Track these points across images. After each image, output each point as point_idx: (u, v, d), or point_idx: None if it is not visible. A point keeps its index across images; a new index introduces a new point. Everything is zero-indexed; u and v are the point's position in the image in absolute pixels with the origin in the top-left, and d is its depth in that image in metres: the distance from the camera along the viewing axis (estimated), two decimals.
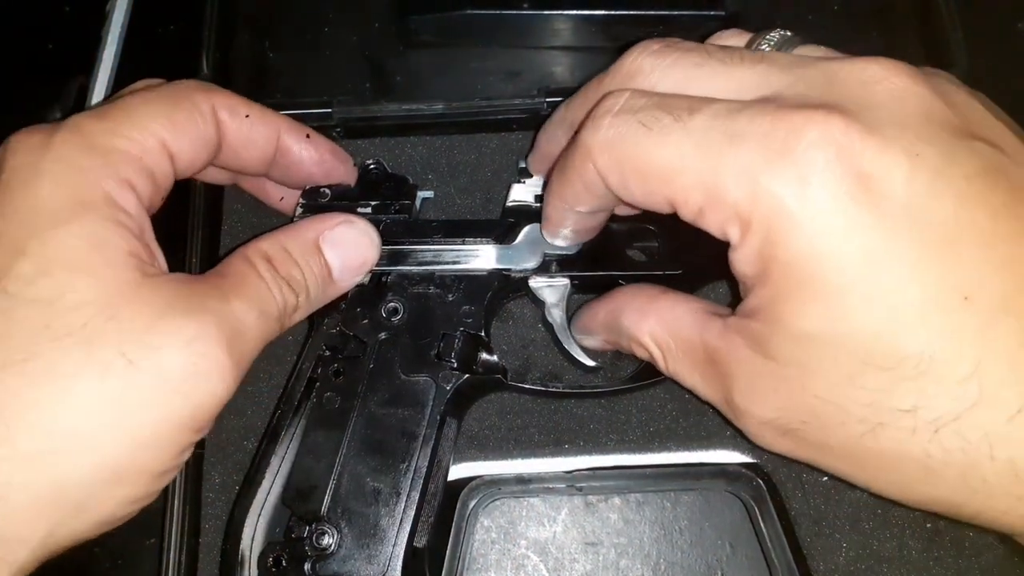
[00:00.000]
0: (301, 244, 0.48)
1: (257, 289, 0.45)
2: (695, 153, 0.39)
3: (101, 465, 0.39)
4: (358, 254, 0.51)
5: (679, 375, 0.47)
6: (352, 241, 0.50)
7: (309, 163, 0.54)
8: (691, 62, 0.43)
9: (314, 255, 0.49)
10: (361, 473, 0.50)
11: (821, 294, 0.37)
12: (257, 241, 0.48)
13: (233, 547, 0.49)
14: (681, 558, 0.57)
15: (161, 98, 0.47)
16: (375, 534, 0.49)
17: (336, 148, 0.56)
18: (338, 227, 0.50)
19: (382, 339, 0.53)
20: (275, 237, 0.48)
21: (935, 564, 0.54)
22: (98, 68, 0.66)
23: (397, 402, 0.51)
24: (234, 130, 0.50)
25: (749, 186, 0.37)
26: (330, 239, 0.49)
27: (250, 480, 0.50)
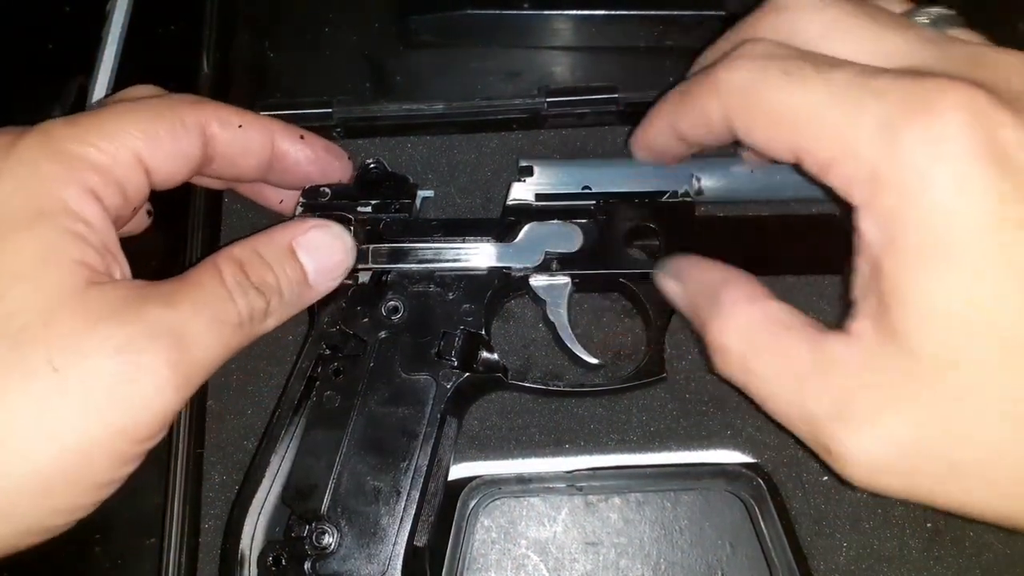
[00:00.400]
0: (274, 248, 0.48)
1: (213, 294, 0.44)
2: (833, 104, 0.38)
3: (26, 472, 0.38)
4: (333, 258, 0.50)
5: (755, 379, 0.42)
6: (327, 245, 0.50)
7: (305, 163, 0.54)
8: (844, 10, 0.43)
9: (288, 259, 0.48)
10: (361, 472, 0.50)
11: (960, 261, 0.35)
12: (230, 247, 0.47)
13: (233, 546, 0.49)
14: (681, 558, 0.57)
15: (142, 110, 0.46)
16: (375, 533, 0.49)
17: (331, 145, 0.56)
18: (311, 231, 0.49)
19: (382, 338, 0.53)
20: (248, 242, 0.47)
21: (936, 563, 0.54)
22: (98, 68, 0.66)
23: (397, 401, 0.51)
24: (227, 141, 0.50)
25: (886, 141, 0.36)
26: (304, 243, 0.49)
27: (250, 479, 0.50)
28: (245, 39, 0.69)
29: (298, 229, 0.49)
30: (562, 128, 0.64)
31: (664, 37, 0.67)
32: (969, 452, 0.36)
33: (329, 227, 0.51)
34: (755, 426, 0.57)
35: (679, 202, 0.56)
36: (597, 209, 0.56)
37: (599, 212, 0.55)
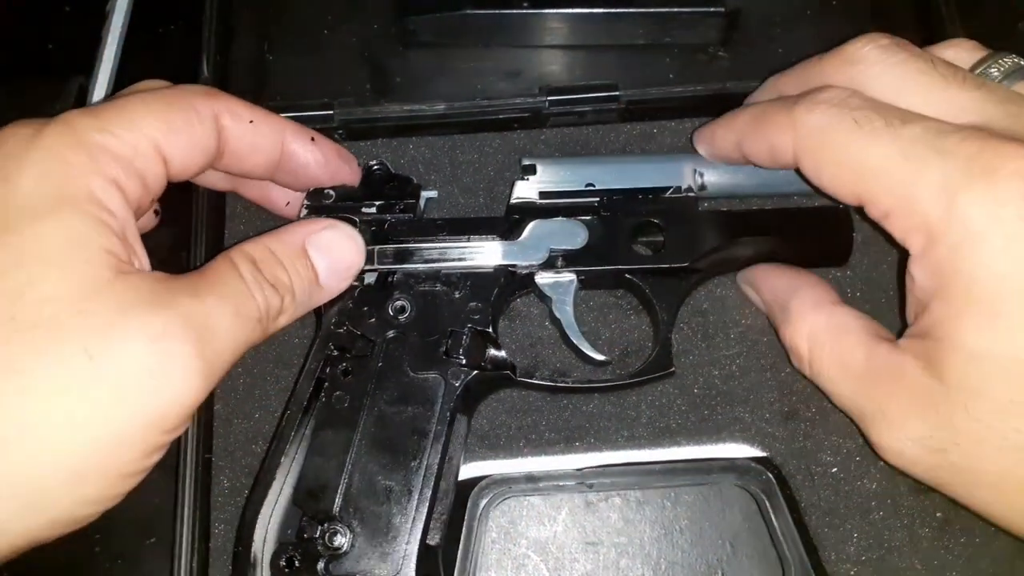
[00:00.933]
0: (287, 247, 0.48)
1: (235, 289, 0.44)
2: (899, 159, 0.42)
3: (58, 461, 0.37)
4: (344, 258, 0.51)
5: (820, 377, 0.50)
6: (338, 245, 0.50)
7: (315, 166, 0.54)
8: (915, 67, 0.46)
9: (300, 258, 0.48)
10: (372, 472, 0.49)
11: (1000, 314, 0.39)
12: (243, 244, 0.47)
13: (245, 549, 0.48)
14: (681, 557, 0.57)
15: (159, 101, 0.46)
16: (388, 532, 0.48)
17: (341, 150, 0.56)
18: (324, 231, 0.50)
19: (390, 337, 0.52)
20: (261, 240, 0.48)
21: (946, 553, 0.54)
22: (98, 68, 0.66)
23: (406, 400, 0.51)
24: (238, 136, 0.49)
25: (946, 200, 0.40)
26: (316, 242, 0.49)
27: (261, 481, 0.50)
28: (245, 41, 0.68)
29: (311, 228, 0.50)
30: (564, 127, 0.64)
31: (664, 34, 0.67)
32: (983, 465, 0.42)
33: (341, 227, 0.51)
34: (764, 420, 0.57)
35: (682, 197, 0.56)
36: (601, 206, 0.56)
37: (603, 209, 0.55)
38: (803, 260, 0.57)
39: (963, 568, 0.54)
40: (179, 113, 0.46)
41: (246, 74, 0.68)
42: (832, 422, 0.56)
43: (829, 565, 0.54)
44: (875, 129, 0.43)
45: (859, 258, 0.59)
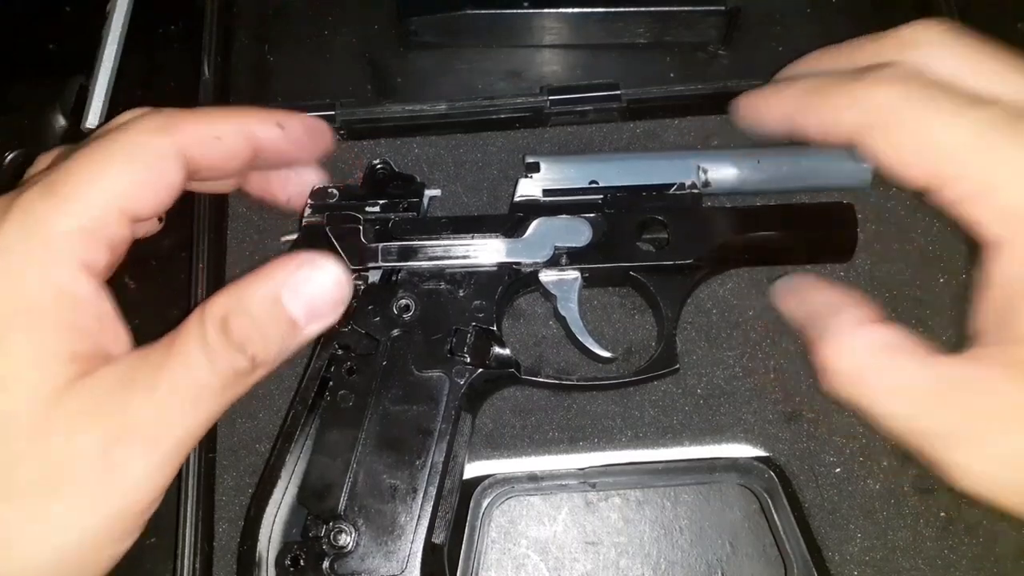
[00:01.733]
0: (260, 300, 0.44)
1: (195, 367, 0.42)
2: (975, 143, 0.40)
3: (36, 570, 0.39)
4: (324, 298, 0.47)
5: (868, 399, 0.44)
6: (316, 285, 0.46)
7: (289, 149, 0.52)
8: (982, 52, 0.44)
9: (275, 309, 0.45)
10: (377, 470, 0.49)
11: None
12: (218, 296, 0.44)
13: (250, 548, 0.48)
14: (681, 557, 0.57)
15: (118, 156, 0.44)
16: (393, 531, 0.48)
17: (310, 123, 0.54)
18: (300, 271, 0.46)
19: (394, 336, 0.52)
20: (235, 291, 0.44)
21: (950, 552, 0.54)
22: (98, 68, 0.66)
23: (411, 398, 0.51)
24: (207, 155, 0.48)
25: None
26: (292, 286, 0.45)
27: (265, 481, 0.50)
28: (245, 41, 0.68)
29: (286, 271, 0.45)
30: (566, 126, 0.64)
31: (664, 33, 0.67)
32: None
33: (320, 265, 0.46)
34: (767, 420, 0.57)
35: (686, 194, 0.56)
36: (605, 203, 0.56)
37: (607, 206, 0.55)
38: (807, 256, 0.57)
39: (967, 568, 0.54)
40: (141, 166, 0.44)
41: (247, 75, 0.68)
42: (835, 422, 0.56)
43: (832, 565, 0.54)
44: (948, 109, 0.41)
45: (863, 256, 0.59)
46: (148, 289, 0.63)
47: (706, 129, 0.63)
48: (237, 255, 0.61)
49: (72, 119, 0.66)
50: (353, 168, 0.63)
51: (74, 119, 0.66)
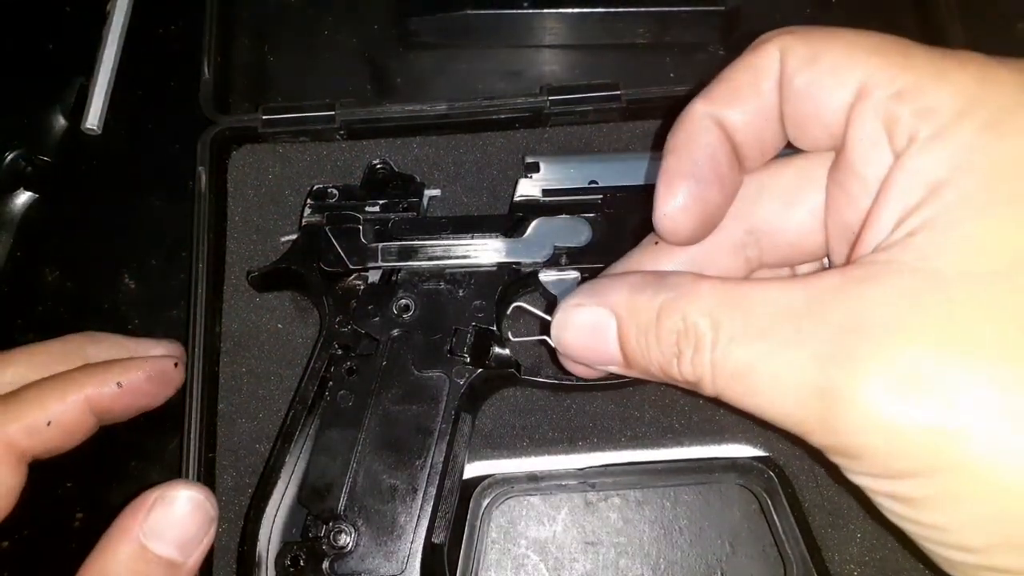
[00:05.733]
0: (123, 561, 0.42)
1: None
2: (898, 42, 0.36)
3: None
4: (192, 526, 0.44)
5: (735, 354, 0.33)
6: (178, 518, 0.43)
7: (138, 401, 0.51)
8: None
9: (143, 561, 0.42)
10: (377, 471, 0.49)
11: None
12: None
13: (250, 548, 0.48)
14: (681, 557, 0.57)
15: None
16: (393, 531, 0.48)
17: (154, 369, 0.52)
18: (153, 513, 0.43)
19: (394, 336, 0.52)
20: (94, 567, 0.42)
21: None
22: (98, 68, 0.66)
23: (411, 398, 0.51)
24: (43, 443, 0.47)
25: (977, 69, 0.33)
26: (151, 531, 0.42)
27: (265, 481, 0.50)
28: (245, 42, 0.68)
29: (138, 520, 0.43)
30: (565, 126, 0.64)
31: (664, 34, 0.67)
32: None
33: (167, 496, 0.43)
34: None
35: None
36: (605, 203, 0.56)
37: (606, 206, 0.55)
38: None
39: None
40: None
41: (246, 75, 0.68)
42: None
43: (832, 565, 0.54)
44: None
45: None
46: (148, 289, 0.63)
47: None
48: (237, 255, 0.61)
49: (72, 119, 0.66)
50: (353, 168, 0.63)
51: (74, 119, 0.66)
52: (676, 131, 0.41)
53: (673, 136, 0.41)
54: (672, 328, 0.35)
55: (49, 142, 0.65)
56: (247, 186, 0.62)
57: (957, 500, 0.30)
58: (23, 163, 0.65)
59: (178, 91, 0.66)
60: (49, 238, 0.65)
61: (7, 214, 0.64)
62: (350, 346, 0.52)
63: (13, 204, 0.65)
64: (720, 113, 0.40)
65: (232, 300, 0.60)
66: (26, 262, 0.64)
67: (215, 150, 0.61)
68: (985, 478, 0.29)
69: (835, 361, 0.31)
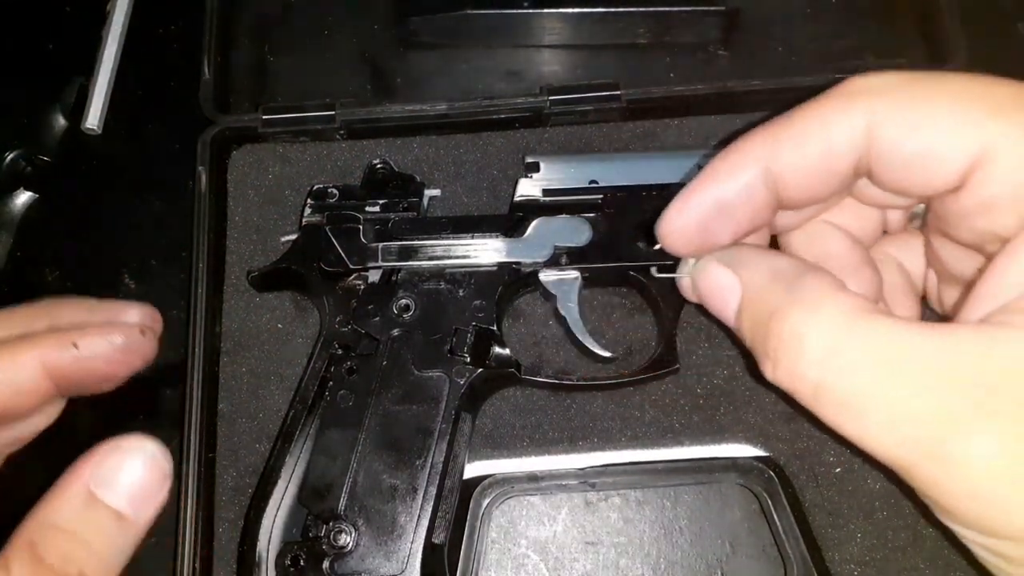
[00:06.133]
0: (68, 507, 0.40)
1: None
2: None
3: None
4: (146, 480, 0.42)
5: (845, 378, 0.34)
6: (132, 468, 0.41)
7: (100, 368, 0.48)
8: None
9: (91, 510, 0.40)
10: (377, 470, 0.49)
11: None
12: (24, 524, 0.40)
13: (250, 548, 0.48)
14: (681, 557, 0.57)
15: None
16: (393, 531, 0.48)
17: (117, 333, 0.49)
18: (107, 460, 0.41)
19: (394, 336, 0.52)
20: (40, 512, 0.40)
21: (949, 552, 0.54)
22: (98, 68, 0.66)
23: (411, 398, 0.51)
24: None
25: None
26: (104, 479, 0.41)
27: (266, 480, 0.50)
28: (245, 42, 0.68)
29: (91, 465, 0.41)
30: (565, 126, 0.64)
31: (664, 33, 0.67)
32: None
33: (123, 446, 0.42)
34: (767, 420, 0.57)
35: None
36: (605, 203, 0.56)
37: (607, 206, 0.55)
38: None
39: (967, 568, 0.53)
40: None
41: (247, 75, 0.68)
42: None
43: (833, 565, 0.54)
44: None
45: None
46: (148, 289, 0.63)
47: (706, 129, 0.63)
48: (237, 255, 0.61)
49: (72, 119, 0.66)
50: (353, 168, 0.63)
51: (74, 119, 0.66)
52: (724, 157, 0.40)
53: (718, 160, 0.40)
54: (777, 333, 0.36)
55: (49, 142, 0.65)
56: (247, 186, 0.63)
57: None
58: (23, 163, 0.65)
59: (178, 91, 0.66)
60: (49, 238, 0.65)
61: (7, 214, 0.64)
62: (350, 346, 0.52)
63: (13, 204, 0.65)
64: (773, 160, 0.39)
65: (232, 300, 0.60)
66: (26, 262, 0.64)
67: (215, 150, 0.61)
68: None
69: (955, 420, 0.31)
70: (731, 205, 0.40)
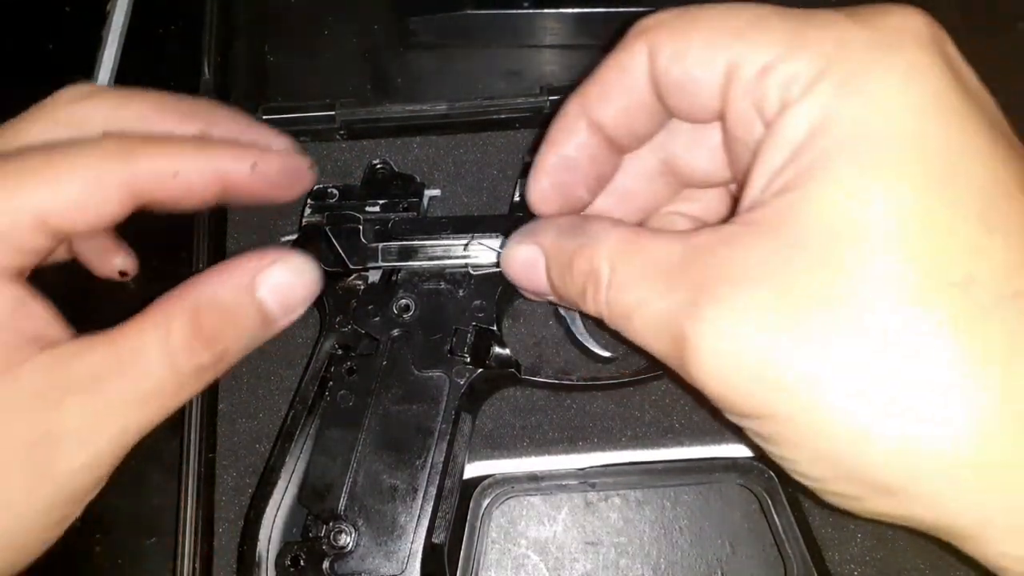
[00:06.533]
0: (234, 290, 0.43)
1: (148, 366, 0.40)
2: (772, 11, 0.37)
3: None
4: (296, 293, 0.45)
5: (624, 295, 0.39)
6: (290, 281, 0.45)
7: (261, 191, 0.49)
8: None
9: (248, 300, 0.43)
10: (377, 471, 0.49)
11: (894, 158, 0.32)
12: (188, 287, 0.42)
13: (250, 548, 0.48)
14: (681, 557, 0.57)
15: (54, 167, 0.41)
16: (393, 531, 0.48)
17: (289, 163, 0.50)
18: (274, 267, 0.44)
19: (394, 336, 0.52)
20: (207, 283, 0.43)
21: (950, 552, 0.54)
22: (98, 68, 0.66)
23: (411, 398, 0.51)
24: (163, 191, 0.44)
25: (835, 31, 0.35)
26: (266, 281, 0.44)
27: (266, 480, 0.50)
28: (245, 41, 0.68)
29: (260, 265, 0.44)
30: None
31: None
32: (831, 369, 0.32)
33: (292, 260, 0.45)
34: None
35: None
36: None
37: None
38: None
39: (968, 568, 0.53)
40: (76, 184, 0.41)
41: (246, 75, 0.68)
42: None
43: (833, 565, 0.54)
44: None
45: None
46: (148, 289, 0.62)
47: None
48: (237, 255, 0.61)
49: None
50: (353, 168, 0.63)
51: None
52: (553, 126, 0.45)
53: (550, 130, 0.45)
54: (581, 269, 0.41)
55: None
56: None
57: (792, 441, 0.34)
58: None
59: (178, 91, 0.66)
60: None
61: None
62: (350, 346, 0.52)
63: None
64: (591, 112, 0.43)
65: None
66: None
67: None
68: (809, 426, 0.33)
69: (687, 312, 0.35)
70: (573, 161, 0.44)
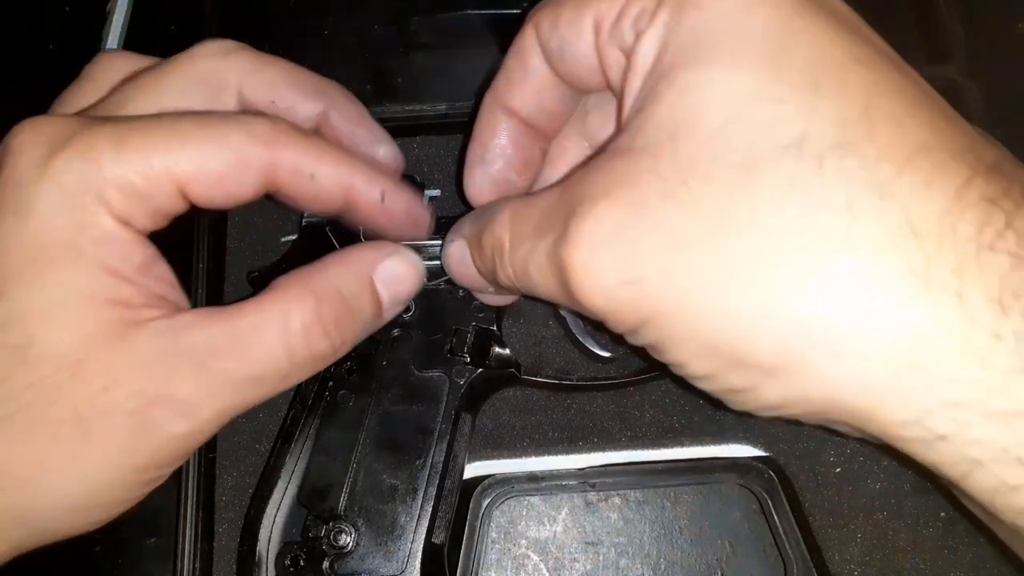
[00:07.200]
0: (355, 283, 0.43)
1: (269, 349, 0.40)
2: None
3: (56, 503, 0.39)
4: (407, 287, 0.46)
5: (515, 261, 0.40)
6: (403, 275, 0.46)
7: (380, 222, 0.48)
8: None
9: (367, 294, 0.44)
10: (377, 471, 0.49)
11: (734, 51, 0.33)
12: (308, 275, 0.42)
13: (250, 548, 0.48)
14: (681, 557, 0.57)
15: (203, 139, 0.40)
16: (393, 531, 0.48)
17: (413, 207, 0.49)
18: (391, 259, 0.45)
19: (394, 336, 0.52)
20: (328, 272, 0.43)
21: (950, 553, 0.54)
22: None
23: (411, 398, 0.51)
24: (294, 188, 0.44)
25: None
26: (383, 274, 0.45)
27: (266, 480, 0.50)
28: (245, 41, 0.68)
29: (377, 257, 0.45)
30: None
31: None
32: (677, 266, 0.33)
33: (405, 254, 0.46)
34: (767, 420, 0.56)
35: None
36: None
37: None
38: None
39: (967, 568, 0.54)
40: (220, 161, 0.40)
41: None
42: None
43: (833, 565, 0.54)
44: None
45: None
46: None
47: None
48: (237, 255, 0.61)
49: None
50: None
51: None
52: (475, 122, 0.47)
53: (474, 127, 0.48)
54: (488, 244, 0.42)
55: None
56: None
57: (674, 341, 0.35)
58: None
59: None
60: None
61: None
62: None
63: None
64: (504, 101, 0.45)
65: (232, 300, 0.59)
66: None
67: None
68: (684, 320, 0.34)
69: (561, 241, 0.36)
70: (498, 151, 0.47)
